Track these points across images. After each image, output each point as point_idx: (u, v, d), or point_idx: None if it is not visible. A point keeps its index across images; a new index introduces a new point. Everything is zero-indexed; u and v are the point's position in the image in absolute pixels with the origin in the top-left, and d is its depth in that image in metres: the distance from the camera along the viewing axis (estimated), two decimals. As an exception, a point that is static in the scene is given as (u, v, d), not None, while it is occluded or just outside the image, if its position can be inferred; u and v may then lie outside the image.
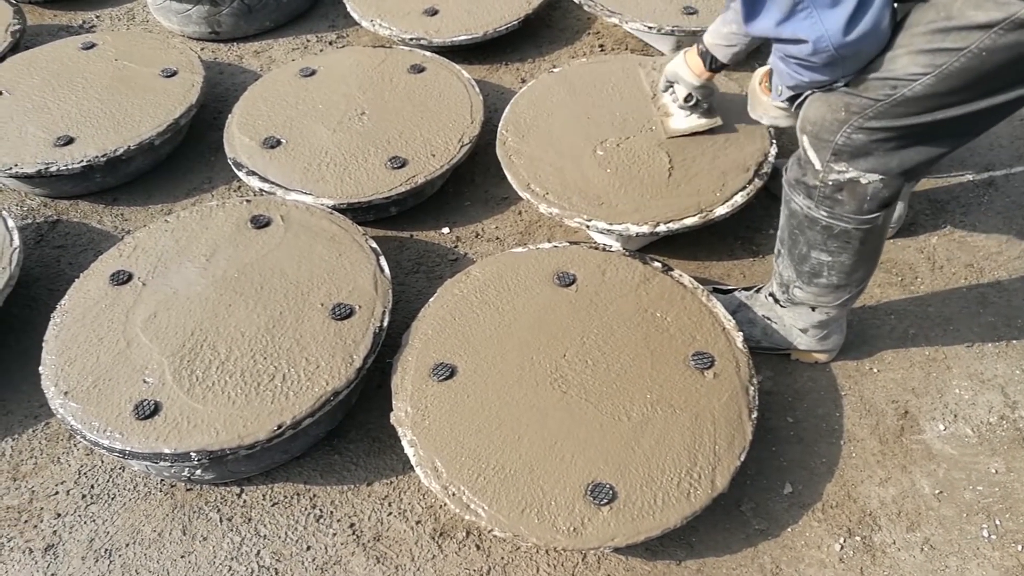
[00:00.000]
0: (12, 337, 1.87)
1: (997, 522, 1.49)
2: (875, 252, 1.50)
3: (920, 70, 1.15)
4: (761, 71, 1.59)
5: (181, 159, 2.34)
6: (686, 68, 1.81)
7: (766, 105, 1.56)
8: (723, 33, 1.68)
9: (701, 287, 1.70)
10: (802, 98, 1.36)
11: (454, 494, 1.39)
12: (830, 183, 1.37)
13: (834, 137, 1.30)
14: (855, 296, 1.57)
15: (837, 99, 1.27)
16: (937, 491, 1.54)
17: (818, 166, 1.36)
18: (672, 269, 1.74)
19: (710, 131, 1.98)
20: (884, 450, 1.60)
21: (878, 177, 1.32)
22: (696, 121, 1.95)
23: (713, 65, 1.75)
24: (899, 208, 1.96)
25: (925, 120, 1.21)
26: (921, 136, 1.26)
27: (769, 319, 1.70)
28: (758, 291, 1.75)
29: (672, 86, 1.92)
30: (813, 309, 1.61)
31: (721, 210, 1.85)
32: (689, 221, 1.83)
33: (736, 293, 1.78)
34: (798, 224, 1.48)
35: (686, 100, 1.89)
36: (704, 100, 1.91)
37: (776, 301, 1.67)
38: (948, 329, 1.81)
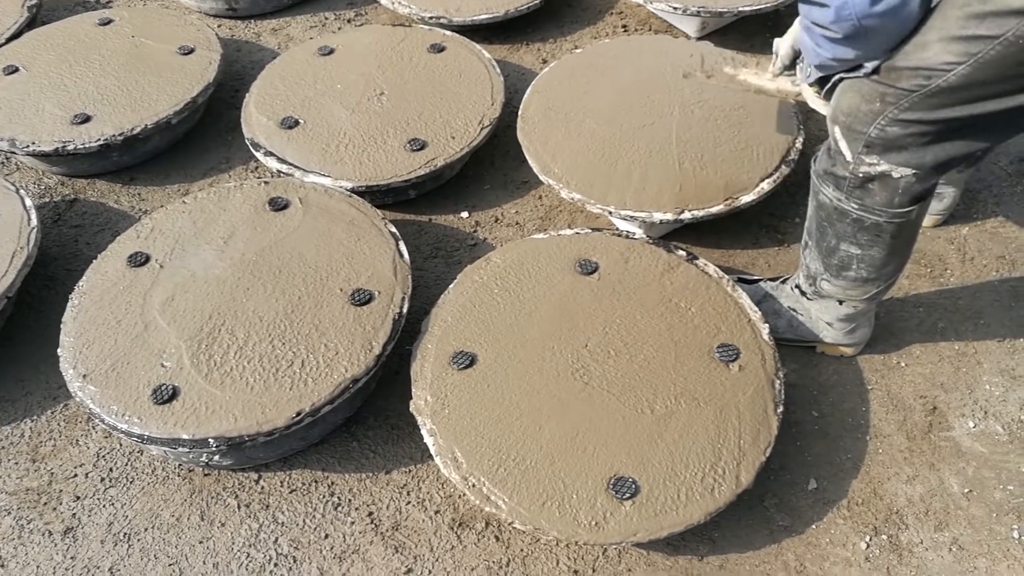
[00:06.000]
0: (31, 317, 1.87)
1: (1027, 522, 1.46)
2: (907, 246, 1.45)
3: (954, 59, 1.09)
4: None
5: (198, 138, 2.32)
6: None
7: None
8: None
9: (726, 276, 1.66)
10: (831, 83, 1.31)
11: (474, 485, 1.37)
12: (860, 175, 1.32)
13: (867, 128, 1.25)
14: (884, 290, 1.53)
15: (871, 89, 1.22)
16: (966, 490, 1.50)
17: (849, 157, 1.31)
18: (697, 258, 1.70)
19: (735, 117, 1.95)
20: (912, 447, 1.57)
21: (911, 171, 1.27)
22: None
23: None
24: (951, 195, 1.90)
25: (962, 114, 1.15)
26: (958, 130, 1.20)
27: (795, 311, 1.67)
28: (784, 282, 1.71)
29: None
30: (840, 303, 1.57)
31: (747, 197, 1.81)
32: (714, 208, 1.80)
33: (761, 283, 1.74)
34: (827, 216, 1.43)
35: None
36: None
37: (803, 294, 1.64)
38: (979, 323, 1.76)
